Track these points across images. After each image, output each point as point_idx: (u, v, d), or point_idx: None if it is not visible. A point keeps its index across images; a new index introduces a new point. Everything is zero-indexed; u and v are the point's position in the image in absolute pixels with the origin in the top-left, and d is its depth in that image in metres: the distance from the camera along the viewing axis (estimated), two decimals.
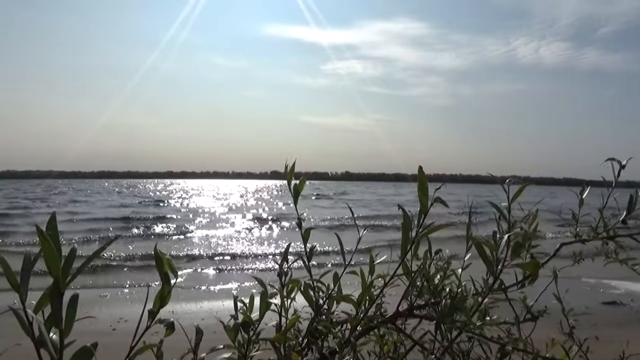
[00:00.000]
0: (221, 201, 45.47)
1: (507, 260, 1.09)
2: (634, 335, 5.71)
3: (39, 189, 66.99)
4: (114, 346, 1.84)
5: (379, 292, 1.32)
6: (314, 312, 1.36)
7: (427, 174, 1.03)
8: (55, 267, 0.46)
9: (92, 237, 17.92)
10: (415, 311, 1.38)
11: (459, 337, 1.21)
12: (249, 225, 23.02)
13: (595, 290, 8.70)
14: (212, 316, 6.57)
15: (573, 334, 1.47)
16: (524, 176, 1.19)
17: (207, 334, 1.00)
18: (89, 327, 5.83)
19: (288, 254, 1.39)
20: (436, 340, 1.28)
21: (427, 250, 1.33)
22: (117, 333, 6.03)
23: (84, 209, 31.45)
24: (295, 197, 1.45)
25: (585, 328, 1.53)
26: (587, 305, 7.30)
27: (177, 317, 6.45)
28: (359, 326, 1.30)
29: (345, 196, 55.87)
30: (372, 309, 1.34)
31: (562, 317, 1.46)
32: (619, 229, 1.27)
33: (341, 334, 1.30)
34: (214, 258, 13.52)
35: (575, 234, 1.33)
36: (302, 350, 1.31)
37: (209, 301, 8.04)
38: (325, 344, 1.33)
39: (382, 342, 1.39)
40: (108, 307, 7.42)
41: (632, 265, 1.30)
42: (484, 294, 1.16)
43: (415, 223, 1.12)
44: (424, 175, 1.01)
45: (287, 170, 1.40)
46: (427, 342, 1.33)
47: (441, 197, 1.06)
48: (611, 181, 1.31)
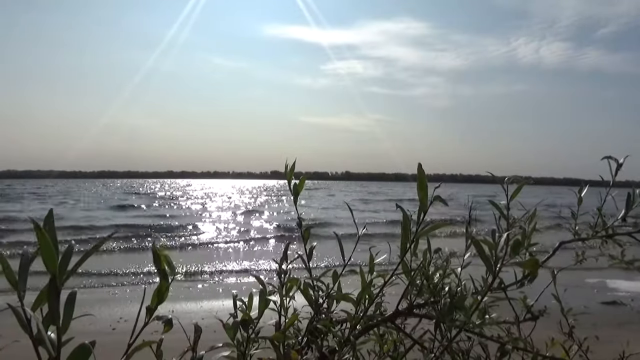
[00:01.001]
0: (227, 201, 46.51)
1: (506, 258, 1.09)
2: (634, 335, 5.70)
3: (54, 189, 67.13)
4: (114, 345, 1.84)
5: (378, 291, 1.32)
6: (314, 311, 1.36)
7: (427, 173, 1.03)
8: (52, 263, 0.46)
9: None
10: (414, 310, 1.38)
11: (459, 336, 1.21)
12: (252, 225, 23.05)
13: (595, 290, 8.70)
14: (211, 315, 6.57)
15: (573, 334, 1.47)
16: (524, 176, 1.19)
17: (207, 333, 1.00)
18: (88, 327, 5.83)
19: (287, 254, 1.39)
20: (436, 339, 1.28)
21: (427, 248, 1.33)
22: (117, 333, 6.03)
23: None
24: (295, 197, 1.45)
25: (585, 328, 1.53)
26: (586, 305, 7.30)
27: (177, 316, 6.41)
28: (358, 325, 1.30)
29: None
30: (372, 308, 1.34)
31: (562, 317, 1.46)
32: (617, 227, 1.27)
33: (341, 332, 1.30)
34: (215, 257, 13.51)
35: (574, 233, 1.33)
36: (302, 349, 1.31)
37: (209, 301, 8.04)
38: (324, 342, 1.33)
39: (382, 341, 1.39)
40: (108, 307, 7.42)
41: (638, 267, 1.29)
42: (482, 292, 1.16)
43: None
44: (424, 173, 1.01)
45: (287, 170, 1.40)
46: (426, 341, 1.33)
47: (440, 197, 1.06)
48: (611, 180, 1.31)
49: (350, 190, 73.21)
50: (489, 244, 1.10)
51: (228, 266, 12.14)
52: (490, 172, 1.28)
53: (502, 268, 1.10)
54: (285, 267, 1.38)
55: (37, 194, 51.09)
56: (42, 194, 51.61)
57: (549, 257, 1.28)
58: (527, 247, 1.15)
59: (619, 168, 1.27)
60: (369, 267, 1.32)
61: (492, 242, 1.10)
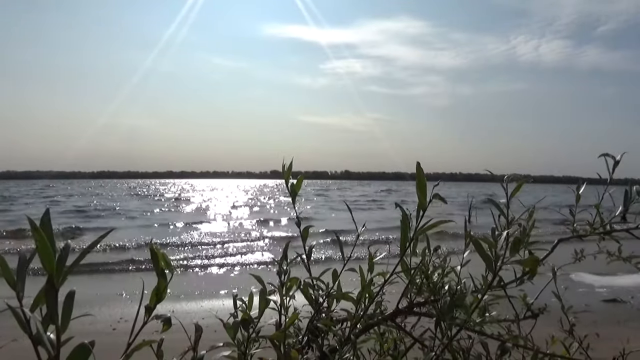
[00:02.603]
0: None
1: (506, 256, 1.09)
2: (635, 333, 5.71)
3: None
4: (114, 346, 1.84)
5: (378, 290, 1.32)
6: (314, 310, 1.36)
7: (426, 172, 1.03)
8: (49, 263, 0.46)
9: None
10: (415, 308, 1.38)
11: (459, 335, 1.21)
12: (253, 225, 23.03)
13: (596, 287, 8.70)
14: (212, 315, 6.57)
15: (573, 331, 1.47)
16: (524, 174, 1.19)
17: (208, 333, 1.00)
18: (88, 328, 5.83)
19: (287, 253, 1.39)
20: (436, 337, 1.28)
21: (426, 247, 1.34)
22: (118, 333, 6.02)
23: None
24: (293, 196, 1.45)
25: (586, 325, 1.53)
26: (587, 302, 7.30)
27: (177, 316, 6.42)
28: (358, 324, 1.30)
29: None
30: (372, 307, 1.34)
31: (562, 315, 1.46)
32: (615, 224, 1.27)
33: (341, 331, 1.30)
34: (216, 256, 13.51)
35: (572, 230, 1.33)
36: (302, 348, 1.31)
37: (210, 300, 8.04)
38: (325, 341, 1.33)
39: (382, 339, 1.39)
40: (108, 307, 7.42)
41: (636, 263, 1.30)
42: (482, 290, 1.16)
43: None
44: (422, 172, 1.01)
45: (284, 170, 1.40)
46: (427, 339, 1.33)
47: (439, 195, 1.06)
48: (609, 177, 1.31)
49: (369, 191, 69.05)
50: (489, 242, 1.10)
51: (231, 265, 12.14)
52: (489, 170, 1.28)
53: (502, 266, 1.11)
54: (285, 267, 1.38)
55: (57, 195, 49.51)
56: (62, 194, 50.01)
57: (547, 254, 1.28)
58: (527, 245, 1.15)
59: (615, 165, 1.28)
60: (369, 266, 1.33)
61: (491, 241, 1.10)
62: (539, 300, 1.41)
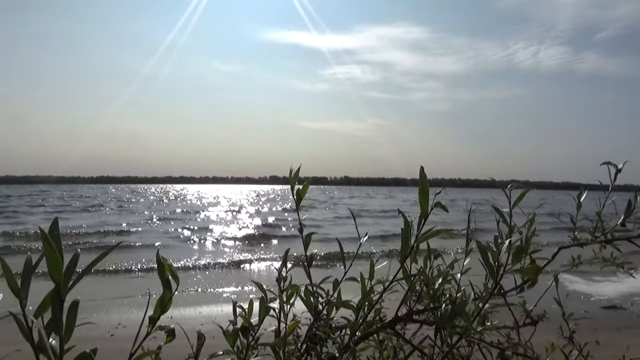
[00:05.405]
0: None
1: (508, 264, 1.09)
2: (634, 340, 5.69)
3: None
4: (113, 352, 1.83)
5: (378, 297, 1.31)
6: (313, 317, 1.35)
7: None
8: (57, 272, 0.46)
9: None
10: (414, 316, 1.38)
11: (459, 342, 1.21)
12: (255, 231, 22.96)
13: (595, 294, 8.68)
14: (211, 322, 6.54)
15: (573, 338, 1.47)
16: (523, 180, 1.20)
17: (206, 339, 1.00)
18: (87, 334, 5.80)
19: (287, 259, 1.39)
20: (436, 345, 1.28)
21: (427, 254, 1.33)
22: (116, 339, 6.00)
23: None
24: (298, 202, 1.44)
25: (585, 332, 1.53)
26: (586, 309, 7.28)
27: (176, 322, 6.39)
28: (358, 331, 1.30)
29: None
30: (372, 314, 1.34)
31: (562, 322, 1.45)
32: (616, 232, 1.27)
33: (340, 339, 1.30)
34: (215, 261, 13.46)
35: (573, 238, 1.33)
36: (302, 355, 1.31)
37: (208, 306, 8.01)
38: (324, 349, 1.33)
39: (382, 347, 1.39)
40: (106, 313, 7.39)
41: (629, 269, 1.30)
42: (484, 298, 1.16)
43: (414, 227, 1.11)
44: (426, 177, 0.98)
45: (291, 175, 1.39)
46: (426, 347, 1.32)
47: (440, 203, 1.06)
48: (610, 185, 1.32)
49: (391, 204, 63.07)
50: (491, 251, 1.10)
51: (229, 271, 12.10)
52: (491, 177, 1.28)
53: (504, 274, 1.10)
54: (285, 273, 1.38)
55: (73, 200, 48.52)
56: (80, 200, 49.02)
57: (547, 262, 1.28)
58: (528, 253, 1.14)
59: (617, 173, 1.28)
60: (369, 274, 1.32)
61: (494, 250, 1.10)
62: (538, 307, 1.41)
